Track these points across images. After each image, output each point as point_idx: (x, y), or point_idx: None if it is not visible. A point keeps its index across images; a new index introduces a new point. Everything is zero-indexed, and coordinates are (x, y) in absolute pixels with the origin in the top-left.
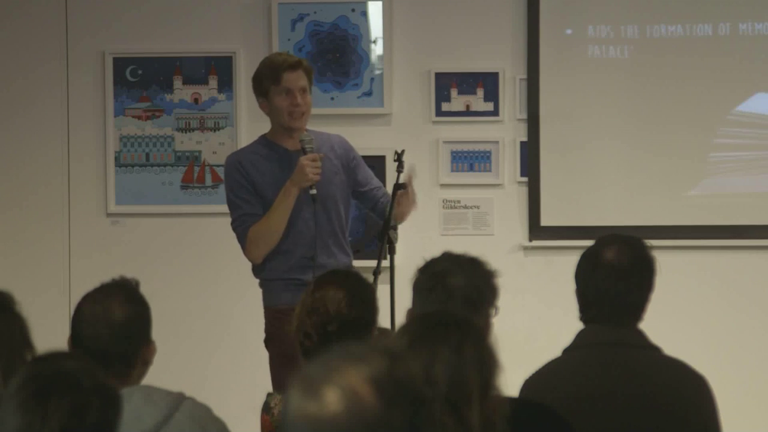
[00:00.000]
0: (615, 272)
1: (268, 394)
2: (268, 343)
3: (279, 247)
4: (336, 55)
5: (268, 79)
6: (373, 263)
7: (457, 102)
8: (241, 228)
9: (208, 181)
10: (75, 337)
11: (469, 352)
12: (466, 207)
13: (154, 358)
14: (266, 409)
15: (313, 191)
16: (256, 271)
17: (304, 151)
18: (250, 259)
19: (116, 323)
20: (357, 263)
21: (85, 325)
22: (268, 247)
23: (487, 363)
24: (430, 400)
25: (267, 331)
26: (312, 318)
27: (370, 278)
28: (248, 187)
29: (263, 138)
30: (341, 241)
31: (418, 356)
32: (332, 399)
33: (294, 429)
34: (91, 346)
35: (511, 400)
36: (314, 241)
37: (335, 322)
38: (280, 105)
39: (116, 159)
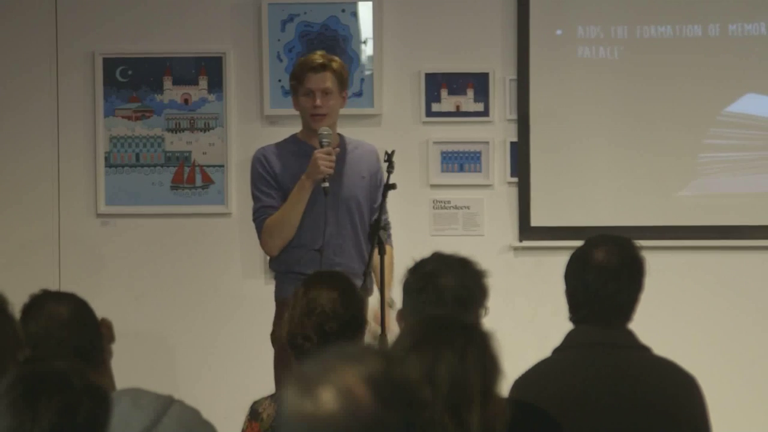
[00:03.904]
0: (604, 273)
1: (255, 402)
2: (275, 336)
3: (292, 240)
4: None
5: (295, 79)
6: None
7: (447, 102)
8: (259, 220)
9: (198, 181)
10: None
11: (473, 356)
12: (456, 207)
13: (147, 357)
14: (254, 416)
15: (326, 184)
16: (271, 263)
17: (321, 145)
18: (265, 251)
19: (68, 320)
20: None
21: (43, 341)
22: (283, 240)
23: (489, 368)
24: (430, 402)
25: (276, 323)
26: (311, 319)
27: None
28: (269, 180)
29: (293, 136)
30: (361, 246)
31: (421, 358)
32: (328, 398)
33: (290, 428)
34: (59, 352)
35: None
36: (324, 237)
37: (333, 322)
38: (303, 105)
39: (106, 159)
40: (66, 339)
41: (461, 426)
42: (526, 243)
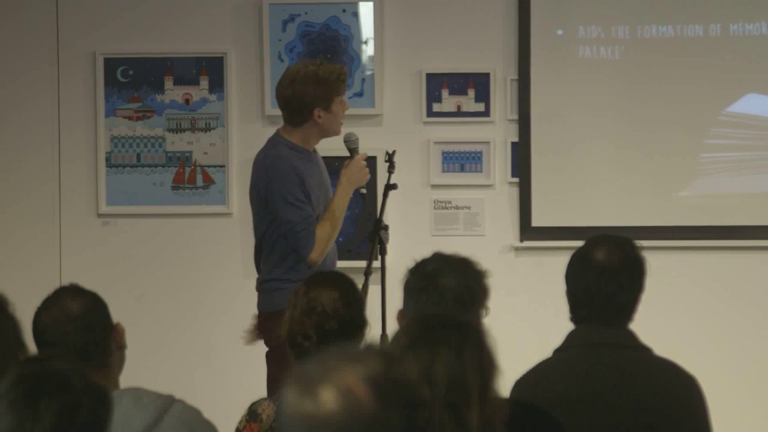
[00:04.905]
0: (605, 273)
1: (253, 403)
2: (278, 350)
3: None
4: (327, 55)
5: (335, 90)
6: (364, 264)
7: (448, 102)
8: (309, 230)
9: (199, 181)
10: (42, 348)
11: (470, 354)
12: (457, 207)
13: (148, 358)
14: (254, 417)
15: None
16: (276, 271)
17: (351, 152)
18: (314, 261)
19: (77, 316)
20: (348, 264)
21: (49, 331)
22: (330, 248)
23: (486, 366)
24: (429, 401)
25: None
26: (311, 318)
27: (362, 279)
28: (304, 190)
29: (283, 139)
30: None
31: (418, 357)
32: (329, 398)
33: (290, 428)
34: (62, 347)
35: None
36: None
37: (334, 321)
38: (338, 113)
39: (107, 160)
40: (69, 335)
41: (460, 424)
42: (527, 243)
